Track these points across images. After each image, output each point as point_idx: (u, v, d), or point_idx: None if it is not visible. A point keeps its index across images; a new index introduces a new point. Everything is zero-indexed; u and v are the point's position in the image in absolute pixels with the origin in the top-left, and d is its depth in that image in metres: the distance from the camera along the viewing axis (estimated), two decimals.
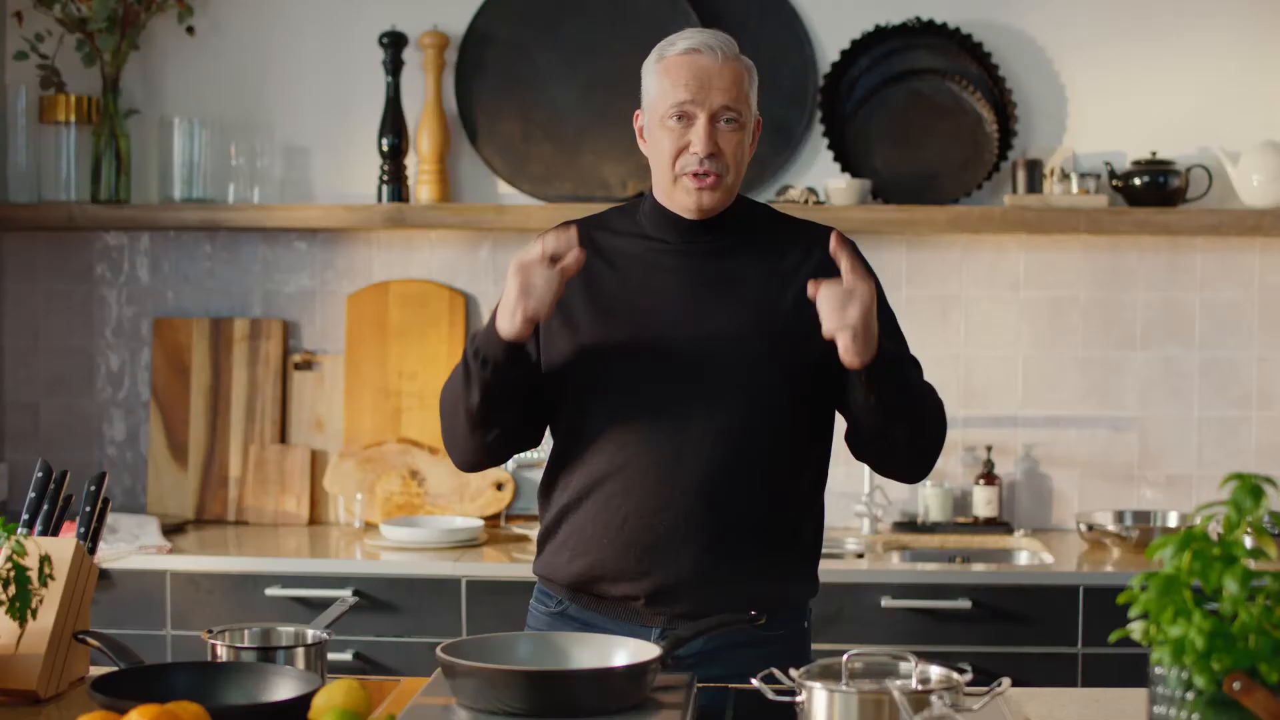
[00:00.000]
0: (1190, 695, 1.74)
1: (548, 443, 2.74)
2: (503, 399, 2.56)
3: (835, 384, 2.60)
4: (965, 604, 3.84)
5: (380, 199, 4.48)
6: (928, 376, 2.70)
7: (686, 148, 2.57)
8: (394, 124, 4.47)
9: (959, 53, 4.44)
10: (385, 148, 4.47)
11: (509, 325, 2.46)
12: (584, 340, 2.61)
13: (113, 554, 3.93)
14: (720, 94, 2.56)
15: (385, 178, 4.47)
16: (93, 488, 2.54)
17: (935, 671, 2.17)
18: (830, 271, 2.50)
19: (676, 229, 2.65)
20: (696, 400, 2.57)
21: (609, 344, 2.60)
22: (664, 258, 2.64)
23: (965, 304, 4.49)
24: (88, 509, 2.53)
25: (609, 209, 2.78)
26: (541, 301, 2.44)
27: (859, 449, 2.66)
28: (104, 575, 3.89)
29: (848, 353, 2.42)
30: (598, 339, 2.60)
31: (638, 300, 2.62)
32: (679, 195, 2.61)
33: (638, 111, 2.69)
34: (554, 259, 2.45)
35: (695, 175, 2.57)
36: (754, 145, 2.67)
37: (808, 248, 2.65)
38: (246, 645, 2.39)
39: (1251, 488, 1.74)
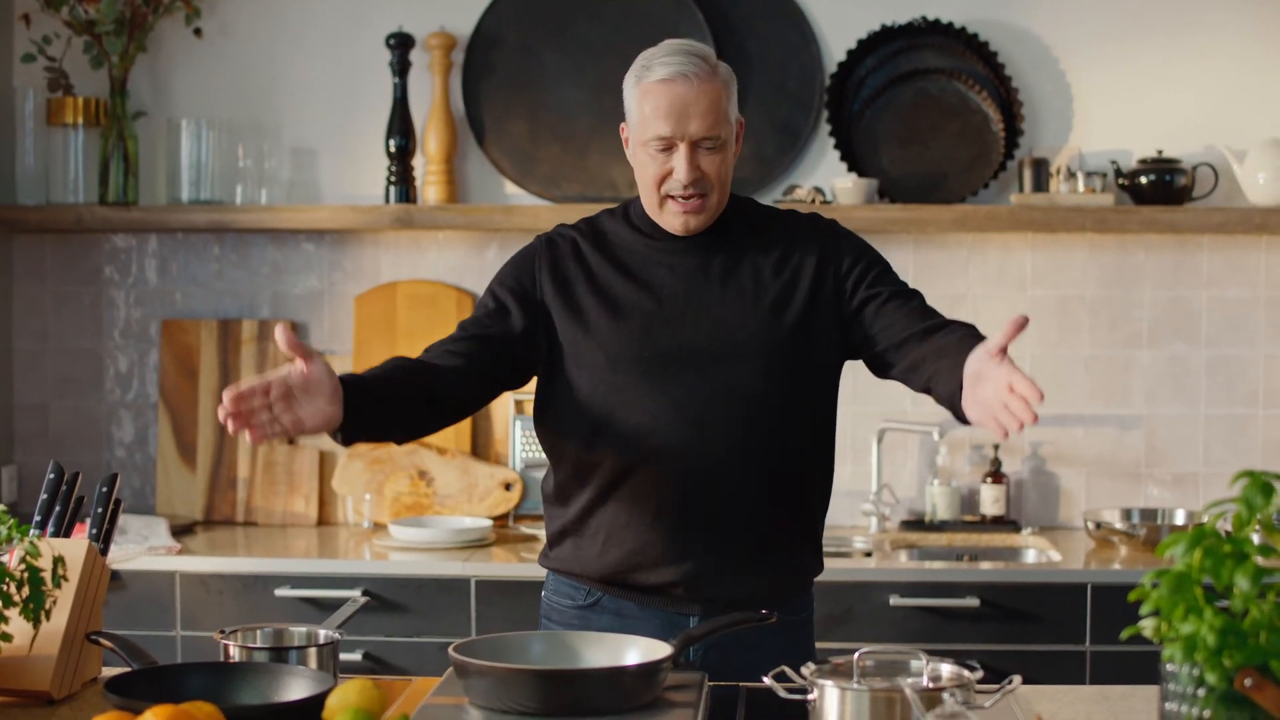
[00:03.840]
0: (1202, 692, 1.75)
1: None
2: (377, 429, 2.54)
3: (835, 373, 2.72)
4: (973, 602, 3.85)
5: (388, 200, 4.49)
6: None
7: (670, 174, 2.62)
8: (401, 125, 4.47)
9: (965, 52, 4.44)
10: (393, 149, 4.47)
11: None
12: (599, 341, 2.65)
13: (122, 555, 3.94)
14: (698, 122, 2.59)
15: (393, 179, 4.48)
16: (105, 489, 2.55)
17: (946, 669, 2.18)
18: (827, 259, 2.66)
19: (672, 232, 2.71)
20: (715, 391, 2.61)
21: (622, 344, 2.64)
22: (666, 255, 2.69)
23: (972, 303, 4.50)
24: (99, 510, 2.54)
25: (599, 213, 2.81)
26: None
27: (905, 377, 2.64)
28: (114, 576, 3.89)
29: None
30: (610, 339, 2.64)
31: (645, 296, 2.66)
32: (666, 217, 2.67)
33: (623, 124, 2.75)
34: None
35: (680, 199, 2.63)
36: (739, 145, 2.71)
37: (799, 238, 2.71)
38: (259, 645, 2.40)
39: (1262, 485, 1.75)
